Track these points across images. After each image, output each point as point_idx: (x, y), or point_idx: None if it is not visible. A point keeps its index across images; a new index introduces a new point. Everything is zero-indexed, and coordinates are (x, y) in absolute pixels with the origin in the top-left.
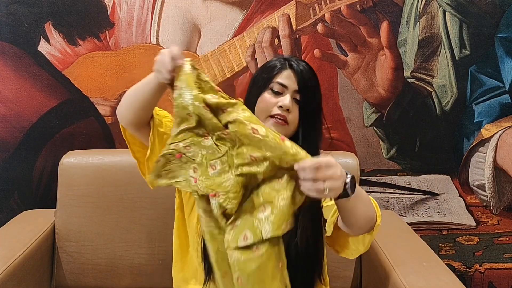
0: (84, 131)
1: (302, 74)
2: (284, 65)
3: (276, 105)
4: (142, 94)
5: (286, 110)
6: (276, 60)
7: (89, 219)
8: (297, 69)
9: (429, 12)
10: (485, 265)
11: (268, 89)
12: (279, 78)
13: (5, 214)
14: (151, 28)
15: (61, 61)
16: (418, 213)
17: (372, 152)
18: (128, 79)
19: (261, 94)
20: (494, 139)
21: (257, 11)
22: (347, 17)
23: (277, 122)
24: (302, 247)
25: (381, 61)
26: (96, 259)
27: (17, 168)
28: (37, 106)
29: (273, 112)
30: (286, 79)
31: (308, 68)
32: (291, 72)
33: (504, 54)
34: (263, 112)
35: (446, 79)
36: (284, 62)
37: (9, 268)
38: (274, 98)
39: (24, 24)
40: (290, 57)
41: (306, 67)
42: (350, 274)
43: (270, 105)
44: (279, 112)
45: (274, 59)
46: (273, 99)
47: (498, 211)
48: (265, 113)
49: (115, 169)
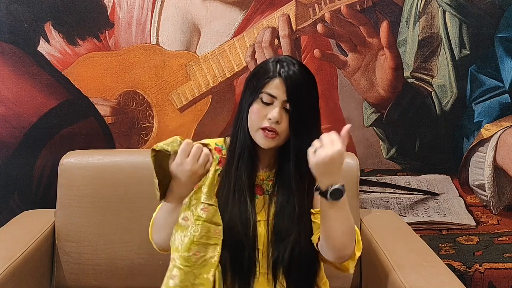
0: (84, 131)
1: (292, 83)
2: (274, 72)
3: (266, 118)
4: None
5: (276, 122)
6: (269, 63)
7: (89, 219)
8: (286, 77)
9: (428, 12)
10: (485, 265)
11: (258, 98)
12: (268, 88)
13: (5, 214)
14: (150, 28)
15: (61, 61)
16: (418, 213)
17: (372, 152)
18: (128, 79)
19: (252, 105)
20: (494, 139)
21: (257, 11)
22: (346, 17)
23: (266, 135)
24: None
25: (381, 61)
26: (96, 259)
27: (17, 169)
28: (37, 106)
29: (263, 125)
30: (275, 89)
31: (300, 72)
32: (280, 81)
33: (503, 54)
34: (254, 125)
35: (446, 79)
36: (274, 69)
37: (9, 268)
38: (263, 110)
39: (24, 24)
40: (284, 58)
41: (298, 72)
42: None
43: (260, 117)
44: (267, 125)
45: (269, 60)
46: (263, 111)
47: (498, 211)
48: (256, 125)
49: (115, 169)
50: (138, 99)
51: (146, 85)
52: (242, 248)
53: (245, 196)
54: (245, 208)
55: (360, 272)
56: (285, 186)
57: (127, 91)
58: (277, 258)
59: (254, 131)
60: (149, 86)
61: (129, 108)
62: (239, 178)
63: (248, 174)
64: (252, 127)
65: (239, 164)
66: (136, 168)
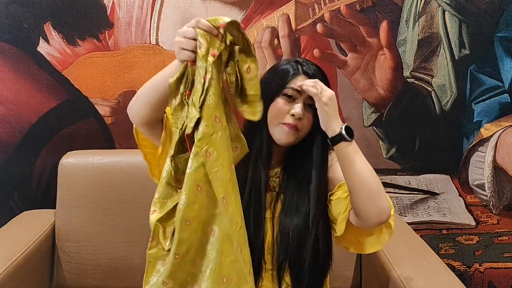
0: (83, 131)
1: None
2: (297, 70)
3: (289, 113)
4: (162, 87)
5: (299, 118)
6: (287, 64)
7: (89, 219)
8: (310, 74)
9: (428, 12)
10: (485, 265)
11: (281, 94)
12: (293, 83)
13: (5, 214)
14: (150, 28)
15: (60, 62)
16: (418, 213)
17: (371, 152)
18: (128, 79)
19: (274, 99)
20: (494, 139)
21: (257, 11)
22: (346, 17)
23: (290, 129)
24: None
25: (381, 61)
26: (96, 260)
27: (16, 169)
28: (36, 106)
29: (285, 120)
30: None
31: (318, 71)
32: (304, 78)
33: (503, 53)
34: (275, 119)
35: (446, 78)
36: (296, 67)
37: (9, 268)
38: (287, 106)
39: (23, 25)
40: (302, 60)
41: (318, 70)
42: (350, 274)
43: (283, 113)
44: (291, 121)
45: (285, 61)
46: (286, 106)
47: (498, 210)
48: (277, 119)
49: (115, 169)
50: None
51: None
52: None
53: (260, 196)
54: (259, 209)
55: (360, 272)
56: (293, 183)
57: (127, 91)
58: (283, 256)
59: (273, 126)
60: None
61: None
62: (257, 177)
63: (265, 172)
64: (272, 122)
65: (257, 162)
66: (136, 168)
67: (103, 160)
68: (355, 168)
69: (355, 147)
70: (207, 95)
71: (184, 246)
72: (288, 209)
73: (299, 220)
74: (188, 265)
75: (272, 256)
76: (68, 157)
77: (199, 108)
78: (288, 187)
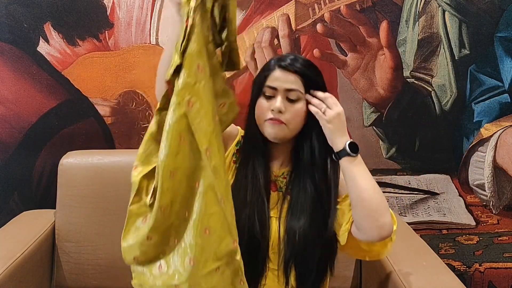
0: (83, 131)
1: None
2: (273, 66)
3: (269, 109)
4: None
5: (279, 112)
6: (271, 61)
7: (89, 219)
8: (284, 66)
9: (428, 12)
10: (485, 265)
11: (261, 94)
12: (269, 81)
13: (4, 214)
14: (150, 28)
15: (60, 62)
16: (417, 213)
17: (371, 152)
18: (128, 79)
19: (257, 101)
20: (494, 139)
21: (257, 11)
22: (346, 17)
23: (273, 123)
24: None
25: (381, 60)
26: (96, 260)
27: (16, 169)
28: (36, 106)
29: (267, 116)
30: (275, 81)
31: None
32: (279, 71)
33: (503, 53)
34: (260, 118)
35: (446, 78)
36: (274, 63)
37: (9, 268)
38: (266, 103)
39: (23, 25)
40: (287, 55)
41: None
42: (350, 274)
43: (264, 110)
44: (271, 116)
45: (273, 58)
46: (266, 103)
47: (498, 210)
48: (262, 118)
49: (115, 169)
50: (138, 99)
51: (145, 85)
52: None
53: (262, 195)
54: (262, 208)
55: (360, 272)
56: (300, 184)
57: (127, 91)
58: (289, 256)
59: (261, 125)
60: (148, 86)
61: (128, 108)
62: (255, 177)
63: (264, 172)
64: (259, 122)
65: (254, 162)
66: None
67: (103, 160)
68: (357, 183)
69: (359, 162)
70: (189, 42)
71: (168, 197)
72: (294, 209)
73: (305, 221)
74: (173, 218)
75: (278, 256)
76: (68, 157)
77: (181, 54)
78: (294, 188)
